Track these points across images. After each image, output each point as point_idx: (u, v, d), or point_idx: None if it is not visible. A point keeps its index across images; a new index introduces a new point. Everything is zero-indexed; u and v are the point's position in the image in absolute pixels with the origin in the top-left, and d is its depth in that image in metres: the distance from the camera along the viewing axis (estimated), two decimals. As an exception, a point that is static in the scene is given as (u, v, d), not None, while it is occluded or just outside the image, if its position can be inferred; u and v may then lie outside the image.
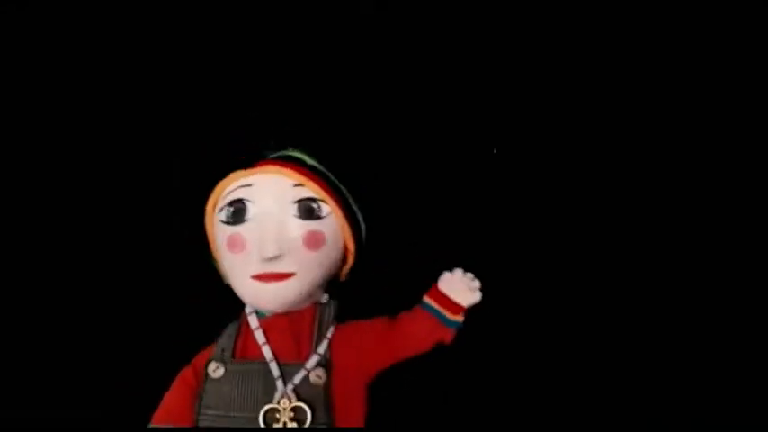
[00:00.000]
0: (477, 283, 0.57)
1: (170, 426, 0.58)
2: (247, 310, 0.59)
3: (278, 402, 0.54)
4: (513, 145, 0.68)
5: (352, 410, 0.56)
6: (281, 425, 0.54)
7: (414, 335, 0.57)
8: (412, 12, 0.66)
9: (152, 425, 0.58)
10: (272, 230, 0.53)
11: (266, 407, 0.54)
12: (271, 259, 0.53)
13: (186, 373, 0.59)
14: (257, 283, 0.54)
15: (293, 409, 0.54)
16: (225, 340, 0.58)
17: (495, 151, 0.65)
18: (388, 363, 0.58)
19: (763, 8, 0.67)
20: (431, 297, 0.58)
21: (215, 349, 0.58)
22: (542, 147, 0.68)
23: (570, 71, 0.70)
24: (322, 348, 0.56)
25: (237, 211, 0.55)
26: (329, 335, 0.57)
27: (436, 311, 0.57)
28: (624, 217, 0.68)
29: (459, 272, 0.58)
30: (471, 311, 0.58)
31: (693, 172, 0.68)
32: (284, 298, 0.54)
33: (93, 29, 0.67)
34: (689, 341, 0.66)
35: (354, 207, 0.58)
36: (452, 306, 0.57)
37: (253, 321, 0.58)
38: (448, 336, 0.58)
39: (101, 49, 0.67)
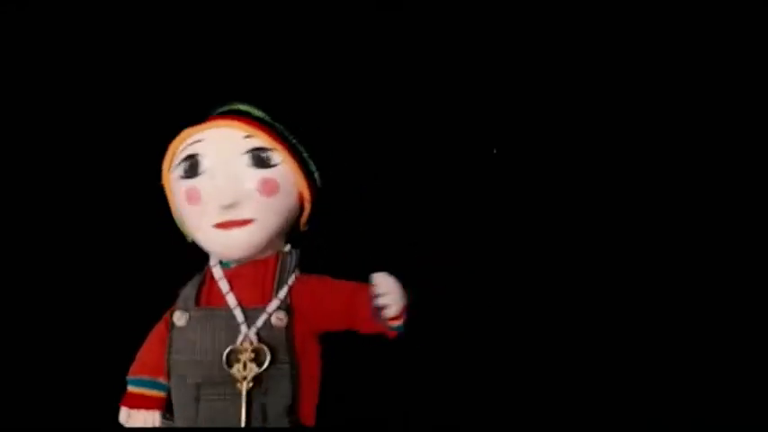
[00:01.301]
0: (386, 300, 0.53)
1: (146, 378, 0.61)
2: (211, 261, 0.62)
3: (240, 344, 0.57)
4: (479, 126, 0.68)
5: (311, 352, 0.59)
6: (241, 365, 0.56)
7: (361, 314, 0.56)
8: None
9: (129, 376, 0.62)
10: (226, 179, 0.56)
11: (229, 348, 0.57)
12: (228, 207, 0.56)
13: (158, 327, 0.63)
14: (220, 231, 0.57)
15: (254, 351, 0.57)
16: (188, 290, 0.61)
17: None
18: (336, 326, 0.58)
19: (764, 8, 0.67)
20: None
21: (178, 300, 0.61)
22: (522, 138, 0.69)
23: (570, 71, 0.70)
24: (283, 293, 0.59)
25: (192, 166, 0.58)
26: (290, 282, 0.60)
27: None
28: (624, 217, 0.69)
29: (386, 282, 0.54)
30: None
31: (693, 172, 0.68)
32: (247, 243, 0.57)
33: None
34: (688, 341, 0.66)
35: (306, 156, 0.60)
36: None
37: (217, 272, 0.61)
38: (389, 334, 0.56)
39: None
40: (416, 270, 0.62)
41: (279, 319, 0.58)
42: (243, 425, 0.55)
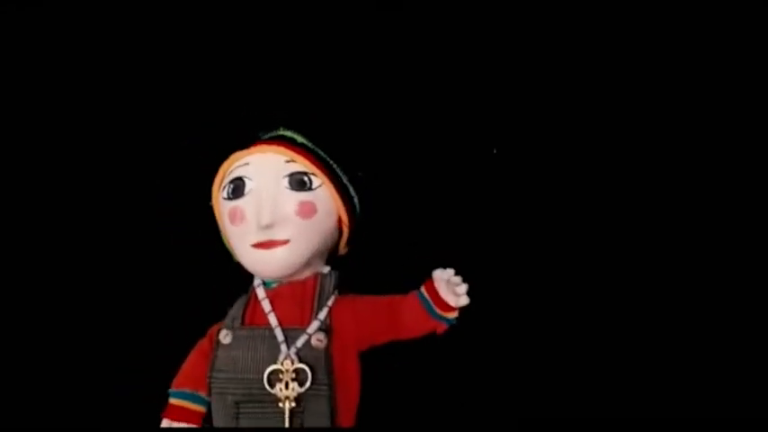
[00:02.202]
0: (462, 288, 0.57)
1: (188, 391, 0.63)
2: (255, 282, 0.64)
3: (281, 364, 0.58)
4: (497, 129, 0.69)
5: (350, 373, 0.60)
6: (283, 384, 0.58)
7: (405, 320, 0.60)
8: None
9: (173, 389, 0.64)
10: (266, 201, 0.58)
11: (270, 368, 0.58)
12: (266, 227, 0.58)
13: (202, 343, 0.65)
14: (257, 251, 0.59)
15: (295, 371, 0.58)
16: (234, 310, 0.64)
17: (495, 151, 0.67)
18: (381, 339, 0.61)
19: (764, 8, 0.67)
20: (426, 288, 0.60)
21: (226, 319, 0.63)
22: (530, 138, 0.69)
23: (570, 71, 0.70)
24: (322, 315, 0.60)
25: (236, 188, 0.60)
26: (330, 303, 0.61)
27: (427, 303, 0.59)
28: (624, 218, 0.68)
29: (448, 272, 0.58)
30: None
31: (693, 173, 0.68)
32: (282, 263, 0.59)
33: (85, 21, 0.71)
34: (688, 342, 0.66)
35: (345, 181, 0.62)
36: (441, 302, 0.58)
37: (260, 292, 0.63)
38: (439, 328, 0.60)
39: (94, 41, 0.71)
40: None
41: (318, 340, 0.59)
42: (285, 444, 0.56)
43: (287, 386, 0.58)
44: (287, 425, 0.57)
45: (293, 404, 0.57)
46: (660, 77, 0.69)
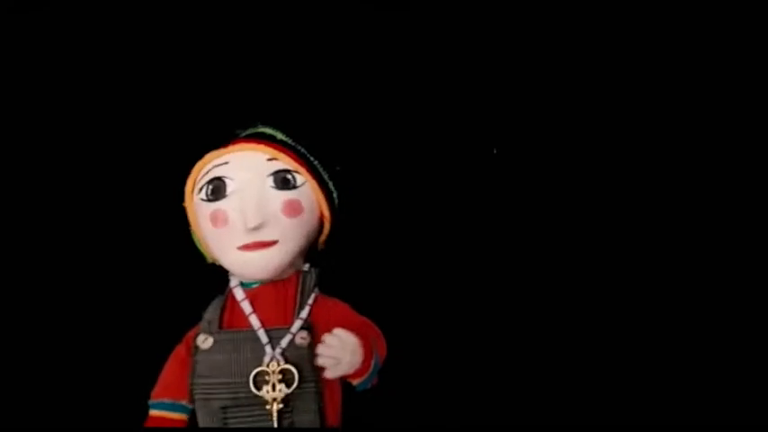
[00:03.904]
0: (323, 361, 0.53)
1: (168, 401, 0.61)
2: (232, 283, 0.62)
3: (267, 366, 0.58)
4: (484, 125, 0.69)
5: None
6: (269, 387, 0.57)
7: None
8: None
9: (153, 400, 0.62)
10: (252, 202, 0.57)
11: (256, 370, 0.57)
12: (254, 229, 0.56)
13: (179, 349, 0.63)
14: (244, 253, 0.57)
15: (281, 372, 0.57)
16: (210, 313, 0.62)
17: (494, 150, 0.67)
18: None
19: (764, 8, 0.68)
20: None
21: (202, 323, 0.62)
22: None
23: (570, 72, 0.71)
24: (304, 313, 0.60)
25: (217, 188, 0.58)
26: (311, 301, 0.61)
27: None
28: (624, 219, 0.69)
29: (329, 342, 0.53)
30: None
31: (693, 174, 0.69)
32: (270, 264, 0.58)
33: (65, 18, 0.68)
34: (688, 343, 0.67)
35: (326, 176, 0.61)
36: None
37: (239, 293, 0.61)
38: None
39: (73, 37, 0.68)
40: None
41: (302, 338, 0.59)
42: (279, 446, 0.56)
43: (274, 388, 0.57)
44: (276, 425, 0.56)
45: (281, 405, 0.57)
46: (660, 78, 0.70)
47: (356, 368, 0.54)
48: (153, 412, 0.61)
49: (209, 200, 0.59)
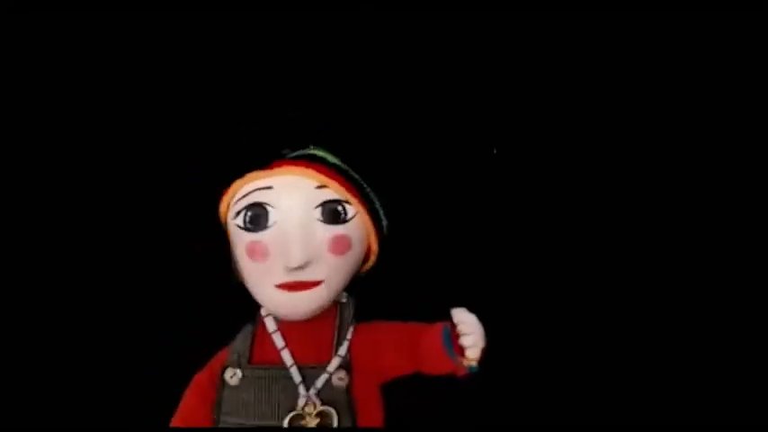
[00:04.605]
0: (468, 341, 0.49)
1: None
2: (263, 312, 0.56)
3: (302, 409, 0.53)
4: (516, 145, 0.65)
5: (373, 411, 0.55)
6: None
7: (424, 354, 0.53)
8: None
9: None
10: (297, 238, 0.50)
11: (291, 414, 0.53)
12: (297, 269, 0.50)
13: (201, 379, 0.57)
14: (283, 293, 0.51)
15: (318, 414, 0.53)
16: (240, 344, 0.56)
17: (495, 151, 0.63)
18: (403, 371, 0.55)
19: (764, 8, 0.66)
20: (451, 325, 0.51)
21: (229, 354, 0.56)
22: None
23: (571, 72, 0.68)
24: (343, 350, 0.55)
25: (257, 216, 0.51)
26: (349, 336, 0.56)
27: (448, 340, 0.51)
28: (625, 219, 0.67)
29: (461, 317, 0.50)
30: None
31: (693, 176, 0.68)
32: (311, 307, 0.52)
33: (104, 28, 0.61)
34: (689, 344, 0.66)
35: (378, 206, 0.55)
36: (459, 345, 0.50)
37: (270, 324, 0.56)
38: (459, 371, 0.52)
39: (112, 48, 0.61)
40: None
41: (340, 378, 0.54)
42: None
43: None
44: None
45: (319, 450, 0.52)
46: (659, 79, 0.68)
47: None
48: None
49: (247, 228, 0.51)
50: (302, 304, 0.52)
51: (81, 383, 0.63)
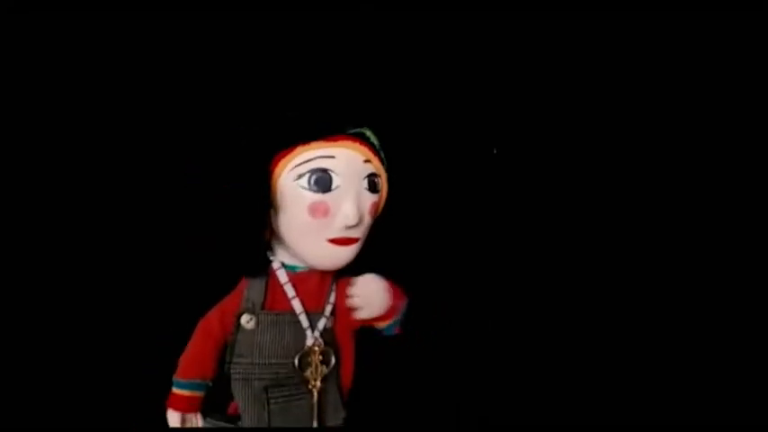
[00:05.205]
0: (353, 303, 0.61)
1: (198, 380, 0.60)
2: (275, 265, 0.62)
3: (311, 349, 0.62)
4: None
5: (348, 349, 0.66)
6: (312, 367, 0.62)
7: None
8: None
9: (179, 378, 0.58)
10: (354, 201, 0.59)
11: (302, 351, 0.61)
12: (351, 228, 0.59)
13: (211, 323, 0.60)
14: (332, 247, 0.59)
15: (321, 353, 0.62)
16: (254, 293, 0.61)
17: (495, 151, 0.71)
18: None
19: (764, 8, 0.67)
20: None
21: (242, 302, 0.61)
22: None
23: (572, 73, 0.72)
24: (332, 297, 0.65)
25: (322, 180, 0.58)
26: (334, 287, 0.66)
27: None
28: (625, 220, 0.70)
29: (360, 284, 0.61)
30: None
31: (693, 175, 0.70)
32: (346, 259, 0.61)
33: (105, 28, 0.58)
34: (689, 344, 0.69)
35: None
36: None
37: (282, 276, 0.62)
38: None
39: (111, 48, 0.59)
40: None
41: (330, 321, 0.64)
42: (316, 422, 0.61)
43: (317, 369, 0.62)
44: (316, 405, 0.62)
45: (320, 384, 0.62)
46: (659, 79, 0.71)
47: (385, 310, 0.61)
48: (183, 392, 0.59)
49: (311, 189, 0.58)
50: (344, 257, 0.60)
51: (80, 379, 0.62)
